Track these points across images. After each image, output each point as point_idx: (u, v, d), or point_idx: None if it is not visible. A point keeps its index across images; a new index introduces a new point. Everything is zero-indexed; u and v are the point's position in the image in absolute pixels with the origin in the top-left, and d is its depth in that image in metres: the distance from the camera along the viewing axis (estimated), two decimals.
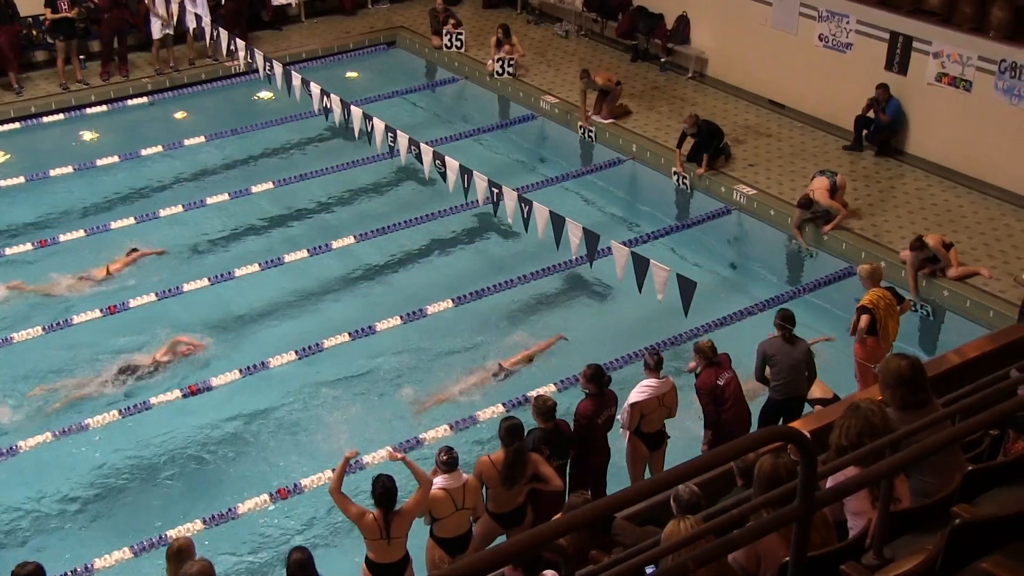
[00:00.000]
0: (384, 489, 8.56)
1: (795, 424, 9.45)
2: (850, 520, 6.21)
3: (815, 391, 11.29)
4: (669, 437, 10.82)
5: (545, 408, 9.74)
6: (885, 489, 5.43)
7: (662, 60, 20.45)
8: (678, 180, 16.82)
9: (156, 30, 19.67)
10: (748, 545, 4.48)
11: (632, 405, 10.35)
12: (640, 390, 10.35)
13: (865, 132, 17.13)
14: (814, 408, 11.20)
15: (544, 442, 9.60)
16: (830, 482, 5.74)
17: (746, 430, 10.91)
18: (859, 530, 5.98)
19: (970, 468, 6.31)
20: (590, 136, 18.34)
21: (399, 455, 9.27)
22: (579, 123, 18.44)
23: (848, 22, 17.41)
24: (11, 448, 11.50)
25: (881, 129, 16.90)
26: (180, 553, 7.86)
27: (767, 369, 11.08)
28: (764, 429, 4.29)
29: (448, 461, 9.11)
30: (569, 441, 9.99)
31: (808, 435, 5.71)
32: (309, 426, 12.38)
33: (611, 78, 18.46)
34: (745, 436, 4.18)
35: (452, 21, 21.19)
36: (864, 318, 11.59)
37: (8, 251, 15.13)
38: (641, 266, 12.42)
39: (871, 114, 16.92)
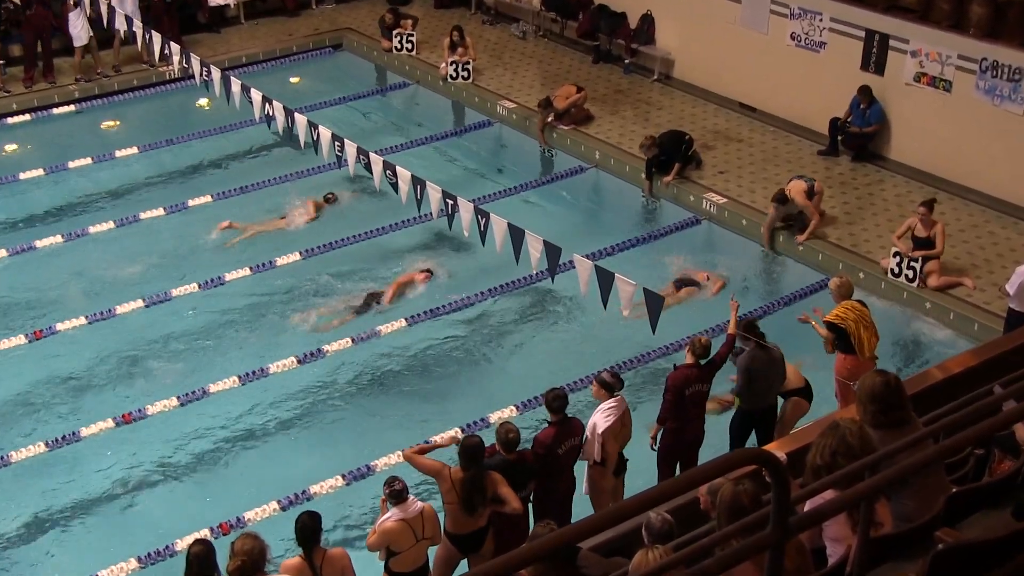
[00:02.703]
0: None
1: (771, 446, 9.51)
2: (829, 547, 6.25)
3: (791, 380, 11.46)
4: (628, 459, 10.87)
5: (507, 440, 9.73)
6: (865, 513, 5.47)
7: (626, 62, 20.59)
8: (647, 202, 16.99)
9: (78, 36, 19.47)
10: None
11: (603, 433, 10.33)
12: (604, 415, 10.31)
13: (840, 136, 17.32)
14: (787, 400, 11.41)
15: (502, 471, 9.58)
16: (808, 506, 5.79)
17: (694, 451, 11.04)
18: (838, 557, 6.02)
19: (954, 490, 6.38)
20: (551, 154, 18.42)
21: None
22: (540, 145, 18.58)
23: (821, 20, 17.62)
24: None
25: (857, 134, 17.09)
26: None
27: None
28: (735, 452, 4.32)
29: (396, 492, 9.08)
30: (531, 473, 9.97)
31: (783, 457, 5.76)
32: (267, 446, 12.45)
33: (571, 93, 18.50)
34: (716, 459, 4.21)
35: (407, 21, 21.20)
36: (829, 335, 11.69)
37: None
38: (606, 281, 12.46)
39: (850, 120, 17.07)
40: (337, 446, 12.46)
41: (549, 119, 18.29)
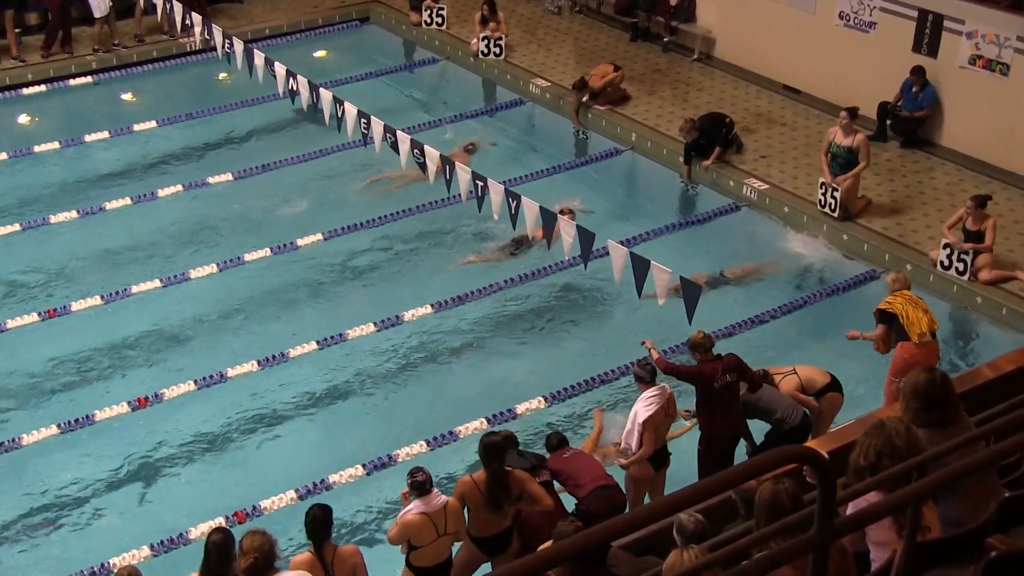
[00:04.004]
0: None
1: (812, 443, 9.44)
2: (873, 551, 6.19)
3: (816, 378, 11.42)
4: (671, 454, 10.84)
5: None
6: (911, 517, 5.41)
7: (665, 40, 20.46)
8: (686, 187, 16.93)
9: (97, 6, 19.50)
10: None
11: (644, 423, 10.35)
12: (646, 404, 10.36)
13: (889, 121, 17.16)
14: (821, 398, 11.35)
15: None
16: (850, 508, 5.73)
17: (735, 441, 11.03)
18: (882, 562, 5.97)
19: (1006, 495, 6.30)
20: (585, 136, 18.36)
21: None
22: (573, 126, 18.54)
23: None
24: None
25: (908, 119, 16.94)
26: None
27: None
28: (777, 449, 4.25)
29: (419, 483, 9.07)
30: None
31: (826, 455, 5.68)
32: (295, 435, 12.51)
33: (607, 72, 18.41)
34: (756, 458, 4.15)
35: None
36: (881, 327, 11.64)
37: None
38: (641, 268, 12.38)
39: (900, 104, 16.92)
40: (358, 435, 12.47)
41: (584, 99, 18.21)
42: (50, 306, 14.03)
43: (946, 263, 14.15)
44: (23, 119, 18.66)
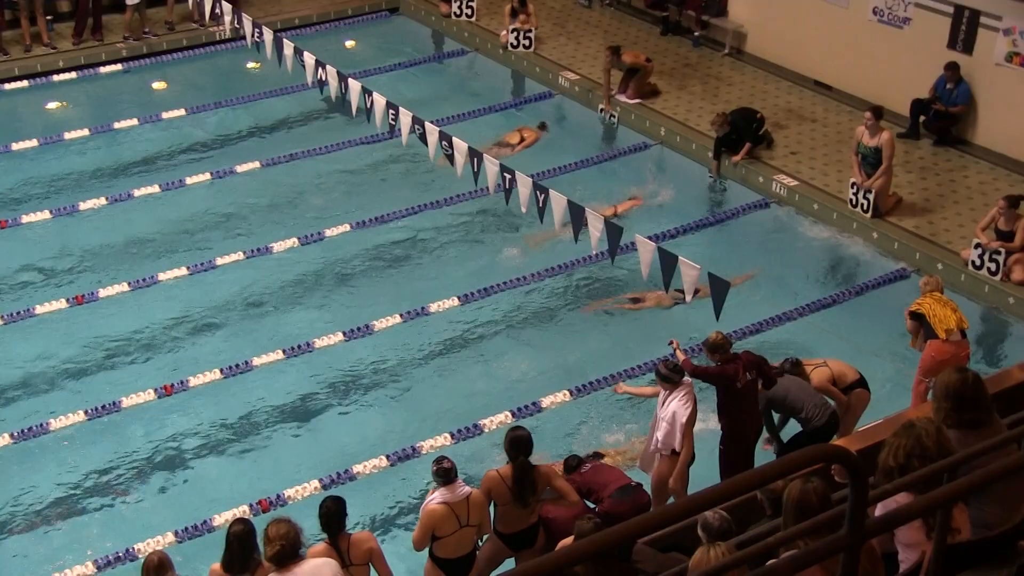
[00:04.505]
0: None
1: (840, 442, 9.39)
2: (901, 552, 6.15)
3: (847, 373, 11.40)
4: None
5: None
6: (941, 519, 5.37)
7: (695, 34, 20.39)
8: (715, 183, 16.90)
9: None
10: None
11: (687, 423, 10.34)
12: (683, 404, 10.32)
13: (923, 118, 17.05)
14: (849, 394, 11.30)
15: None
16: (879, 509, 5.69)
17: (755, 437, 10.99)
18: (911, 564, 5.93)
19: None
20: (612, 119, 18.31)
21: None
22: (600, 105, 18.41)
23: None
24: None
25: (942, 115, 16.81)
26: (160, 568, 7.96)
27: (776, 414, 11.16)
28: (808, 448, 4.21)
29: (444, 470, 9.09)
30: None
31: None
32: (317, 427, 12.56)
33: (640, 55, 18.43)
34: (787, 456, 4.13)
35: None
36: (912, 324, 11.58)
37: None
38: (668, 263, 12.35)
39: (936, 97, 16.78)
40: (382, 426, 12.50)
41: (612, 63, 18.16)
42: (78, 292, 14.11)
43: (977, 263, 14.06)
44: (53, 106, 18.74)
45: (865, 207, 15.24)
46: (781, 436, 11.42)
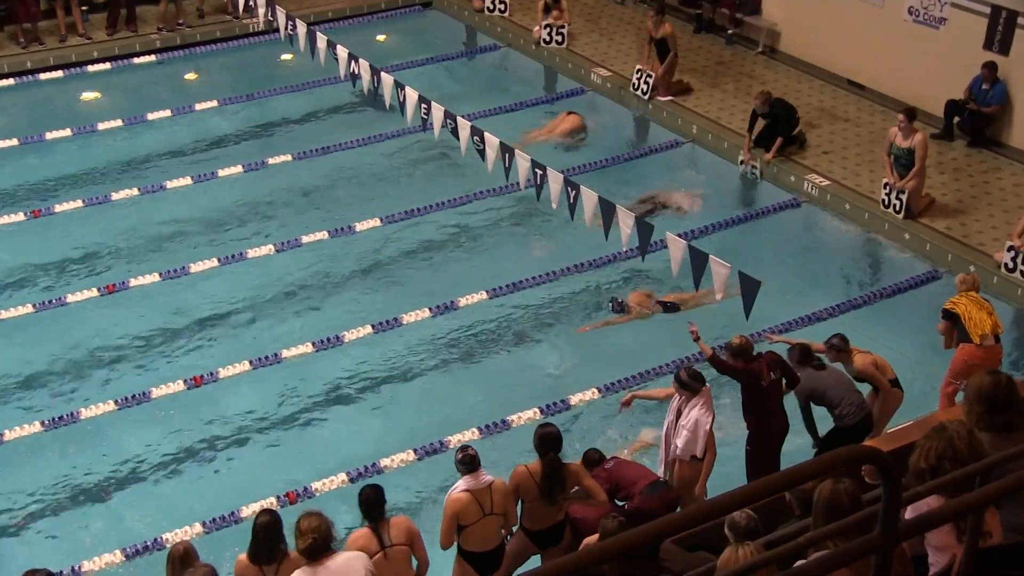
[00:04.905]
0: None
1: (870, 443, 9.35)
2: (931, 555, 6.12)
3: (887, 368, 11.36)
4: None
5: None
6: (973, 522, 5.35)
7: (729, 32, 20.33)
8: (746, 170, 16.74)
9: None
10: None
11: (709, 430, 10.33)
12: (704, 411, 10.29)
13: (957, 119, 16.94)
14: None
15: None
16: (909, 511, 5.67)
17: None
18: (941, 567, 5.90)
19: None
20: (646, 85, 18.22)
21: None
22: (637, 67, 18.47)
23: None
24: None
25: (977, 116, 16.70)
26: (185, 558, 8.01)
27: (811, 408, 11.08)
28: (841, 449, 4.20)
29: (466, 459, 9.14)
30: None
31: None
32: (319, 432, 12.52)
33: (674, 35, 18.33)
34: (821, 456, 4.12)
35: None
36: (944, 324, 11.51)
37: None
38: (699, 261, 12.33)
39: (971, 97, 16.67)
40: (410, 420, 12.53)
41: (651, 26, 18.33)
42: (109, 282, 14.21)
43: (1010, 265, 13.97)
44: (87, 96, 18.87)
45: (898, 208, 15.17)
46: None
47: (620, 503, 9.98)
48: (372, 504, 8.66)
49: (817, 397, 11.01)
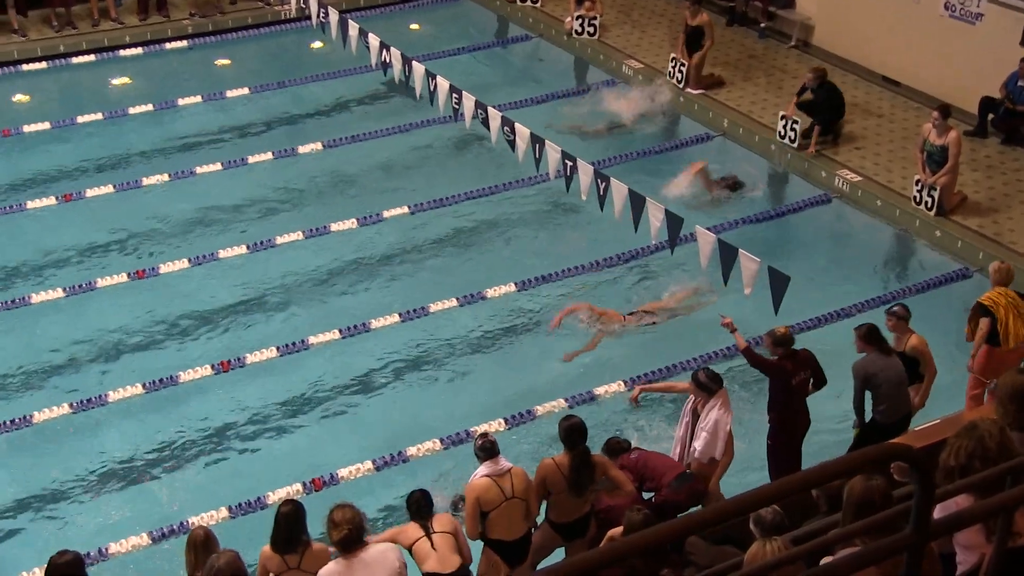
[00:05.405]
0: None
1: (901, 440, 9.32)
2: (959, 553, 6.10)
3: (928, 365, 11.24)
4: None
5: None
6: (1003, 522, 5.33)
7: (762, 26, 20.24)
8: (785, 125, 16.69)
9: None
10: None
11: (730, 432, 10.31)
12: (724, 411, 10.25)
13: (991, 116, 16.82)
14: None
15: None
16: (937, 510, 5.65)
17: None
18: (970, 566, 5.88)
19: None
20: (680, 74, 18.18)
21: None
22: (671, 55, 18.46)
23: None
24: None
25: (1012, 114, 16.57)
26: (207, 543, 8.04)
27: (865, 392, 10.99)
28: (875, 446, 4.19)
29: (485, 446, 9.23)
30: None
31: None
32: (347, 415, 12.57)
33: (711, 24, 18.26)
34: (851, 454, 4.11)
35: None
36: (984, 322, 11.40)
37: (29, 204, 15.41)
38: (728, 256, 12.31)
39: (1010, 96, 16.53)
40: (436, 409, 12.55)
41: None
42: (139, 267, 14.29)
43: None
44: (119, 81, 18.95)
45: (929, 204, 15.08)
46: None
47: (646, 494, 9.98)
48: (422, 507, 8.99)
49: (872, 384, 10.83)
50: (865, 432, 10.92)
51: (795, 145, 16.60)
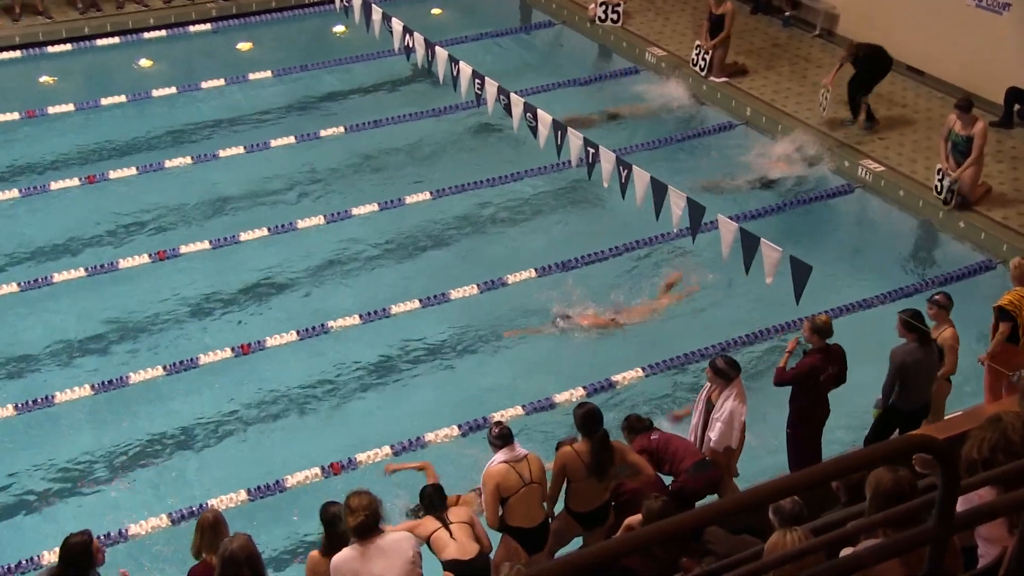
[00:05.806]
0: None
1: (922, 431, 9.27)
2: (981, 546, 6.07)
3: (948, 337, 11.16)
4: None
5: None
6: None
7: (786, 14, 20.14)
8: (823, 94, 16.77)
9: None
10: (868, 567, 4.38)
11: (744, 422, 10.26)
12: (739, 401, 10.18)
13: (1017, 107, 16.69)
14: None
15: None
16: (960, 502, 5.61)
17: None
18: (991, 559, 5.84)
19: None
20: (704, 62, 18.12)
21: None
22: (696, 43, 18.37)
23: None
24: None
25: None
26: (216, 526, 8.07)
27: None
28: (901, 438, 4.18)
29: (501, 435, 9.28)
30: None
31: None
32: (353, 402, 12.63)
33: (733, 14, 18.16)
34: (877, 445, 4.08)
35: None
36: (1005, 326, 11.29)
37: (53, 185, 15.47)
38: (750, 245, 12.26)
39: None
40: (455, 395, 12.55)
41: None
42: (161, 248, 14.32)
43: None
44: (143, 63, 18.98)
45: (948, 198, 14.96)
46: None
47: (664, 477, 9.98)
48: (435, 500, 9.10)
49: (905, 373, 10.74)
50: (885, 416, 10.88)
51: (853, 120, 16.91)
